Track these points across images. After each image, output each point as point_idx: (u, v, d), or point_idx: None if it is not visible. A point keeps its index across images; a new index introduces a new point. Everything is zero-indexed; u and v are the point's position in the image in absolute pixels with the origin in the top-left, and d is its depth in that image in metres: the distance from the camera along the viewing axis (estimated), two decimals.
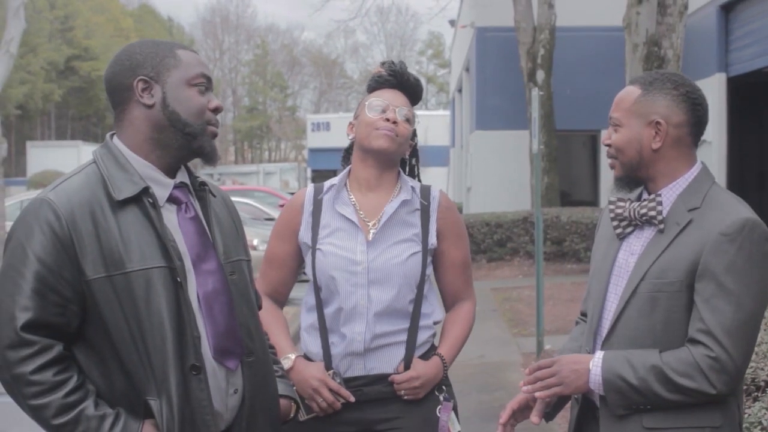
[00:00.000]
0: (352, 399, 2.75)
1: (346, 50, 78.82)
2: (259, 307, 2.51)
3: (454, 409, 2.86)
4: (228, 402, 2.27)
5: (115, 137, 2.28)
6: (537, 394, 2.41)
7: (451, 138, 30.90)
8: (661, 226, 2.36)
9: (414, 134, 2.94)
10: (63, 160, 37.51)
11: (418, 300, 2.81)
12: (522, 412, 2.54)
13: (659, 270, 2.32)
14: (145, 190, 2.18)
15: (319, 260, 2.78)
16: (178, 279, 2.15)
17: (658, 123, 2.38)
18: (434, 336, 2.91)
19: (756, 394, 3.40)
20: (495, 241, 15.54)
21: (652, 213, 2.38)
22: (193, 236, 2.26)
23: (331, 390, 2.73)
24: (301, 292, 2.99)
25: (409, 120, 2.84)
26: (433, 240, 2.84)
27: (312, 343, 2.82)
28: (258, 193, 23.18)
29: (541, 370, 2.39)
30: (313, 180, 43.36)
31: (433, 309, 2.88)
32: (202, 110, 2.25)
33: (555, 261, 14.61)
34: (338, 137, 41.23)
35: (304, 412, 2.75)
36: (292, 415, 2.55)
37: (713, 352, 2.22)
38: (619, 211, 2.47)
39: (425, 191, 2.89)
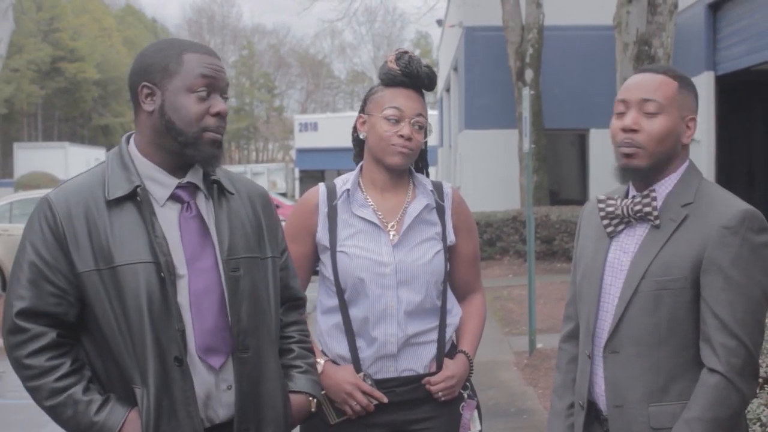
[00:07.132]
0: (386, 400, 2.73)
1: (333, 50, 78.87)
2: (302, 305, 2.61)
3: (478, 407, 2.87)
4: (222, 397, 2.30)
5: (131, 138, 2.38)
6: None
7: (439, 137, 30.90)
8: (657, 221, 2.35)
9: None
10: (50, 161, 37.38)
11: (444, 297, 2.82)
12: None
13: (661, 267, 2.30)
14: (137, 189, 2.25)
15: (343, 262, 2.75)
16: (162, 274, 2.21)
17: (692, 119, 2.40)
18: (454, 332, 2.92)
19: None
20: (485, 240, 15.54)
21: (648, 209, 2.36)
22: (192, 235, 2.30)
23: (364, 393, 2.72)
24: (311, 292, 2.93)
25: (422, 127, 2.83)
26: (451, 237, 2.85)
27: (337, 346, 2.78)
28: None
29: None
30: (301, 180, 43.29)
31: (454, 304, 2.89)
32: (198, 118, 2.26)
33: (545, 260, 14.65)
34: (326, 137, 41.19)
35: (335, 416, 2.74)
36: (313, 409, 2.51)
37: (731, 346, 2.21)
38: (610, 209, 2.44)
39: (438, 188, 2.90)
